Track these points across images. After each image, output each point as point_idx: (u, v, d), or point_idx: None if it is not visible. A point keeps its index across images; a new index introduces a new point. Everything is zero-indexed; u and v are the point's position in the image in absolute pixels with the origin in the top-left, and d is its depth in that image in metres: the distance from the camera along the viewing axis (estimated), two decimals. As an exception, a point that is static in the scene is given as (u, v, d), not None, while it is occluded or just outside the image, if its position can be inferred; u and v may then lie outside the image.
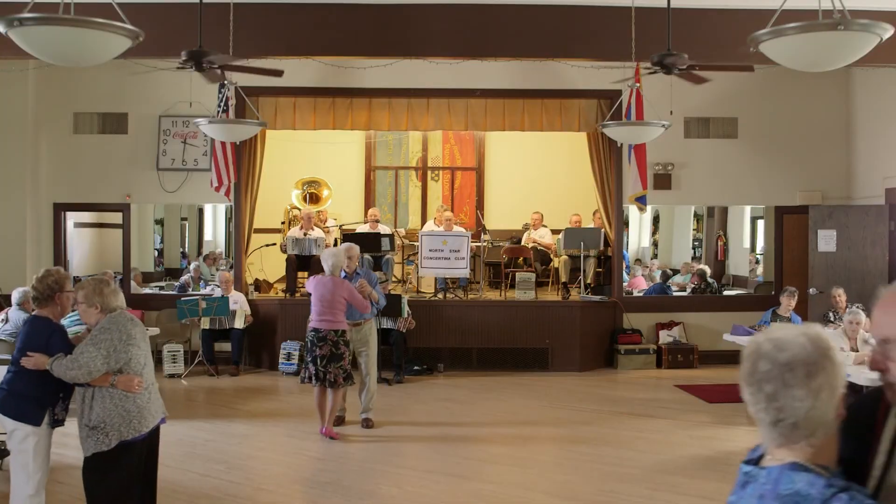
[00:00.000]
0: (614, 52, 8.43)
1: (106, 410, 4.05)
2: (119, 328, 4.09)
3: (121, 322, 4.12)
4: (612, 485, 5.92)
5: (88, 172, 11.12)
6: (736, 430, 7.56)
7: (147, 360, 4.22)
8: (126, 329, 4.11)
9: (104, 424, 4.04)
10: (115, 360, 4.05)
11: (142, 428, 4.12)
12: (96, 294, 4.14)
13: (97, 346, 4.03)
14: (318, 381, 7.07)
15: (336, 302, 7.08)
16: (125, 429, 4.06)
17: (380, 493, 5.77)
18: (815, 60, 4.73)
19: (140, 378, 4.12)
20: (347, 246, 7.64)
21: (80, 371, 4.01)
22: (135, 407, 4.10)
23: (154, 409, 4.23)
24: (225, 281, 10.46)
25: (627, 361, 10.77)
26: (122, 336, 4.08)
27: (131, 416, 4.08)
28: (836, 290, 8.86)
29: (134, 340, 4.13)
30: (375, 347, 7.71)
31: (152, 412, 4.21)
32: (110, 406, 4.06)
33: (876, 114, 10.87)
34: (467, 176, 13.87)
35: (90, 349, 4.03)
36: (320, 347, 7.05)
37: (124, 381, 4.08)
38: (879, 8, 7.53)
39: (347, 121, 11.18)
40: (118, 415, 4.05)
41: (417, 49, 8.82)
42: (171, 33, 7.96)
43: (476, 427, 7.76)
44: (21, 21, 4.31)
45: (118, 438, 4.04)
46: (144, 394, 4.16)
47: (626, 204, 11.01)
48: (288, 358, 10.20)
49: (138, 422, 4.11)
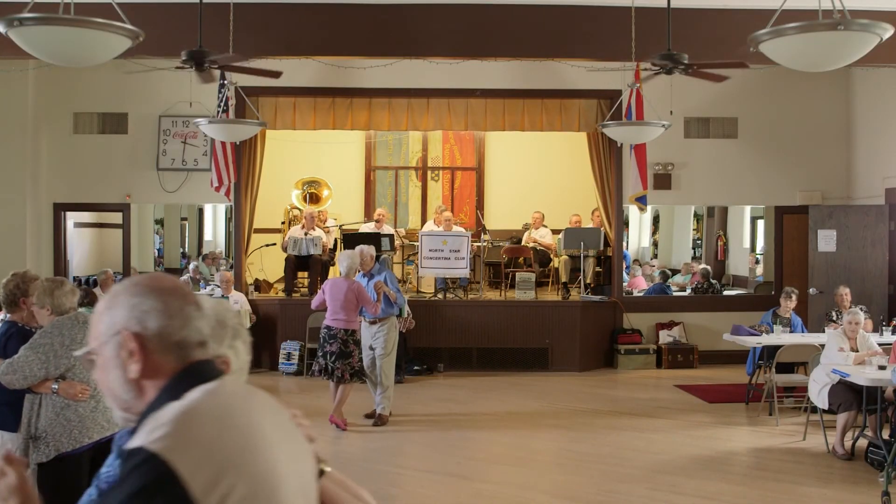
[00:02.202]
0: (614, 52, 8.43)
1: (48, 419, 3.86)
2: (62, 332, 3.88)
3: (65, 326, 3.90)
4: (612, 485, 5.92)
5: (88, 172, 11.11)
6: (736, 430, 7.56)
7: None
8: (70, 334, 3.88)
9: (45, 434, 3.84)
10: (55, 365, 3.83)
11: (83, 439, 3.87)
12: (47, 295, 3.96)
13: (35, 351, 3.82)
14: (327, 374, 7.46)
15: (348, 302, 7.41)
16: (65, 439, 3.83)
17: (380, 493, 5.77)
18: (815, 60, 4.72)
19: (85, 385, 3.86)
20: (361, 248, 7.85)
21: (14, 376, 3.80)
22: (76, 416, 3.87)
23: (104, 419, 3.93)
24: (226, 281, 10.45)
25: (627, 361, 10.77)
26: (63, 340, 3.85)
27: (72, 425, 3.85)
28: (842, 289, 8.85)
29: (79, 345, 3.81)
30: (392, 346, 7.89)
31: (100, 422, 3.93)
32: (51, 415, 3.86)
33: (876, 114, 10.87)
34: (467, 176, 13.87)
35: (28, 353, 3.82)
36: (331, 344, 7.44)
37: (66, 388, 3.84)
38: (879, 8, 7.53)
39: (347, 121, 11.18)
40: (58, 424, 3.84)
41: (417, 49, 8.82)
42: (171, 33, 7.96)
43: (476, 427, 7.76)
44: (21, 21, 4.31)
45: (56, 450, 3.82)
46: (90, 402, 3.91)
47: (626, 204, 11.01)
48: (288, 358, 10.20)
49: (79, 432, 3.86)
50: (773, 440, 7.21)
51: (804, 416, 7.44)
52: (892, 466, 5.68)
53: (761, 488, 5.83)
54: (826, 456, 6.69)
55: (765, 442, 7.16)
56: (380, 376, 7.77)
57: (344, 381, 7.42)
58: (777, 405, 7.91)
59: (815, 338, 8.09)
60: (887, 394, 6.38)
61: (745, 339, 8.28)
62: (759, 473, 6.23)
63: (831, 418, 6.86)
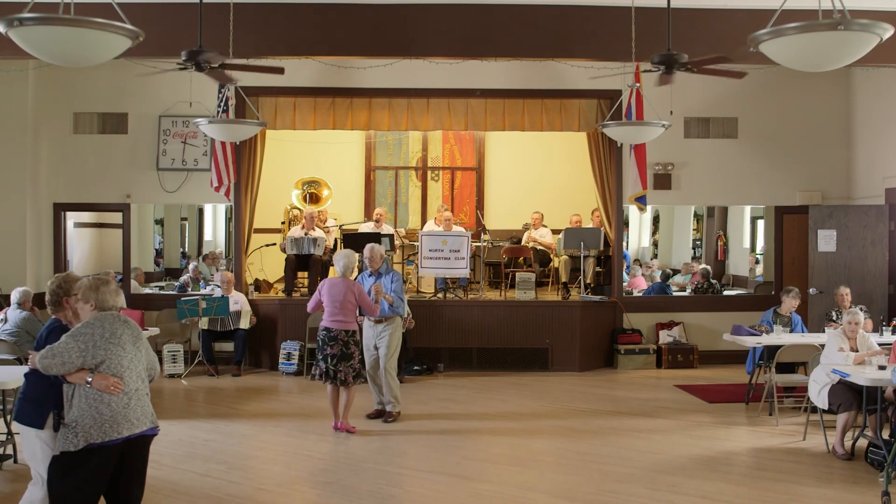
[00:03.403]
0: (614, 52, 8.43)
1: (80, 409, 3.96)
2: (103, 325, 4.04)
3: (107, 320, 4.07)
4: (612, 485, 5.92)
5: (88, 172, 11.12)
6: (736, 430, 7.56)
7: (132, 365, 4.10)
8: (111, 327, 4.05)
9: (75, 423, 3.95)
10: (93, 355, 3.97)
11: (113, 434, 3.98)
12: (92, 290, 4.12)
13: (76, 339, 3.98)
14: (328, 378, 7.27)
15: (346, 303, 7.26)
16: (95, 431, 3.94)
17: (380, 493, 5.77)
18: (815, 60, 4.73)
19: (118, 380, 4.01)
20: (370, 247, 7.80)
21: (53, 360, 3.94)
22: (108, 410, 3.97)
23: (134, 416, 4.07)
24: (227, 281, 10.45)
25: (627, 361, 10.77)
26: (104, 333, 4.02)
27: (103, 418, 3.96)
28: (842, 288, 8.84)
29: (117, 340, 4.05)
30: (396, 346, 7.86)
31: (130, 419, 4.04)
32: (84, 406, 3.97)
33: (876, 114, 10.88)
34: (467, 176, 13.88)
35: (69, 340, 3.97)
36: (331, 346, 7.26)
37: (99, 380, 3.97)
38: (879, 8, 7.55)
39: (347, 121, 11.18)
40: (90, 416, 3.95)
41: (417, 49, 8.82)
42: (171, 33, 7.97)
43: (476, 427, 7.75)
44: (21, 21, 4.32)
45: (86, 440, 3.93)
46: (123, 398, 4.02)
47: (626, 204, 11.02)
48: (288, 358, 10.20)
49: (110, 426, 3.97)
50: (773, 440, 7.21)
51: (804, 416, 7.44)
52: (892, 466, 5.69)
53: (761, 488, 5.83)
54: (826, 456, 6.69)
55: (765, 442, 7.16)
56: (385, 376, 7.76)
57: (347, 384, 7.28)
58: (777, 405, 7.91)
59: (815, 338, 8.09)
60: (887, 394, 6.38)
61: (745, 339, 8.27)
62: (759, 473, 6.23)
63: (831, 418, 6.86)
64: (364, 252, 7.85)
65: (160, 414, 8.15)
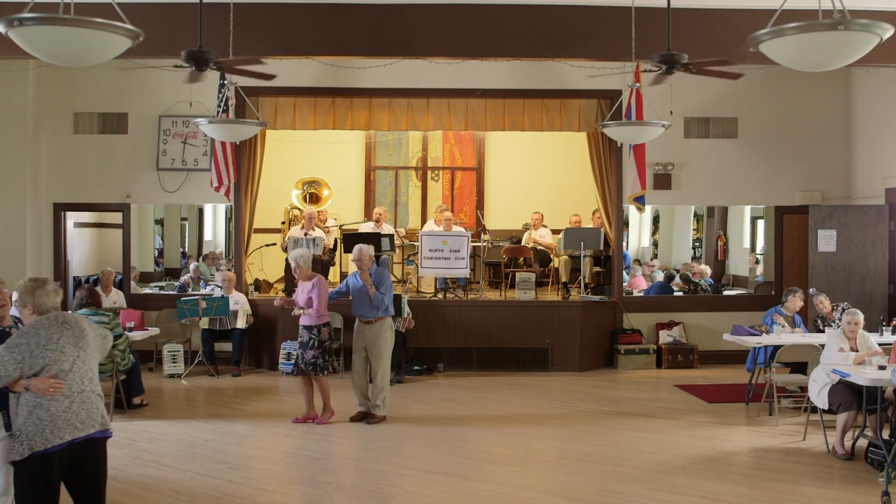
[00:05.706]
0: (614, 52, 8.43)
1: (22, 417, 3.87)
2: (38, 332, 3.89)
3: (42, 326, 3.91)
4: (612, 485, 5.92)
5: (88, 172, 11.12)
6: (736, 430, 7.56)
7: (75, 367, 3.94)
8: (46, 334, 3.89)
9: (20, 432, 3.85)
10: (30, 365, 3.83)
11: (55, 439, 3.84)
12: (28, 294, 3.98)
13: (10, 351, 3.83)
14: (299, 371, 7.68)
15: (309, 299, 7.64)
16: (38, 438, 3.82)
17: (380, 493, 5.77)
18: (816, 60, 4.72)
19: (57, 380, 3.86)
20: (358, 248, 7.84)
21: None
22: (48, 415, 3.84)
23: (77, 420, 3.92)
24: (227, 281, 10.45)
25: (627, 361, 10.77)
26: (39, 341, 3.86)
27: (44, 424, 3.83)
28: (820, 295, 8.79)
29: (54, 346, 3.88)
30: (388, 346, 7.86)
31: (73, 423, 3.90)
32: (25, 413, 3.86)
33: (876, 114, 10.88)
34: (467, 176, 13.89)
35: (3, 353, 3.83)
36: (300, 338, 7.68)
37: (37, 384, 3.83)
38: (879, 8, 7.55)
39: (347, 121, 11.18)
40: (31, 423, 3.84)
41: (417, 49, 8.82)
42: (171, 33, 7.96)
43: (476, 427, 7.75)
44: (21, 21, 4.31)
45: (30, 448, 3.81)
46: (63, 402, 3.88)
47: (625, 204, 11.02)
48: (288, 358, 10.19)
49: (51, 432, 3.83)
50: (772, 440, 7.21)
51: (804, 416, 7.44)
52: (892, 466, 5.69)
53: (761, 488, 5.84)
54: (826, 456, 6.69)
55: (765, 442, 7.16)
56: (375, 378, 7.78)
57: (306, 372, 7.57)
58: (777, 405, 7.91)
59: (815, 338, 8.09)
60: (887, 394, 6.38)
61: (745, 339, 8.28)
62: (759, 473, 6.23)
63: (831, 418, 6.86)
64: (353, 253, 7.90)
65: (160, 414, 8.21)
